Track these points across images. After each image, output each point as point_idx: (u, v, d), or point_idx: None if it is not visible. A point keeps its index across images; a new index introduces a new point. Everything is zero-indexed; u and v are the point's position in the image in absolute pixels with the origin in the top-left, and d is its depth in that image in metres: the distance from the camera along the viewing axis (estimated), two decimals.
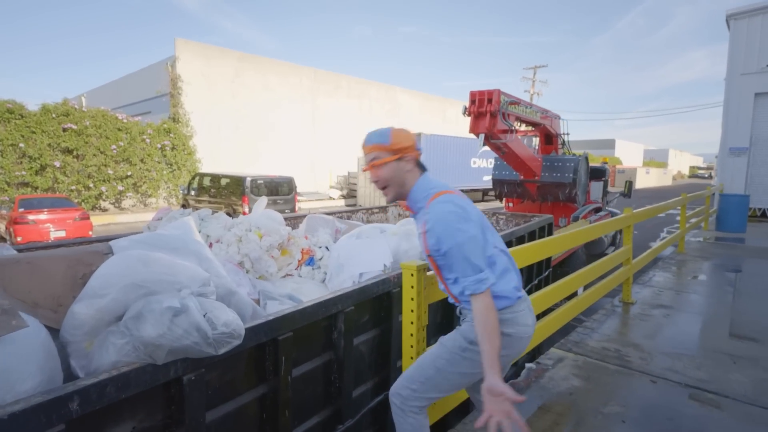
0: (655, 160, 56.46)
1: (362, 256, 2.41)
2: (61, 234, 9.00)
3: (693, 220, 8.55)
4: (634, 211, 4.23)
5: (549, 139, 8.48)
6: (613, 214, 9.22)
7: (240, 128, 18.42)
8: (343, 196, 20.40)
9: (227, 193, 11.68)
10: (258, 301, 2.21)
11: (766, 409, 2.45)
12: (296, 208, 12.07)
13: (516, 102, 6.16)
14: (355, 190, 19.84)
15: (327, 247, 2.81)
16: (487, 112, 5.67)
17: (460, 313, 1.68)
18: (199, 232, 2.61)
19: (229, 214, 10.75)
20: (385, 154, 1.55)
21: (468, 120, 6.08)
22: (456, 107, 28.64)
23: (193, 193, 12.81)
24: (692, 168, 71.65)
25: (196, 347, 1.30)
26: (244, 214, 10.83)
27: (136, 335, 1.26)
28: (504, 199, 8.85)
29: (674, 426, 2.30)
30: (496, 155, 7.89)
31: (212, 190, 12.24)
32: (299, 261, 2.69)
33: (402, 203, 1.68)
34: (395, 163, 1.55)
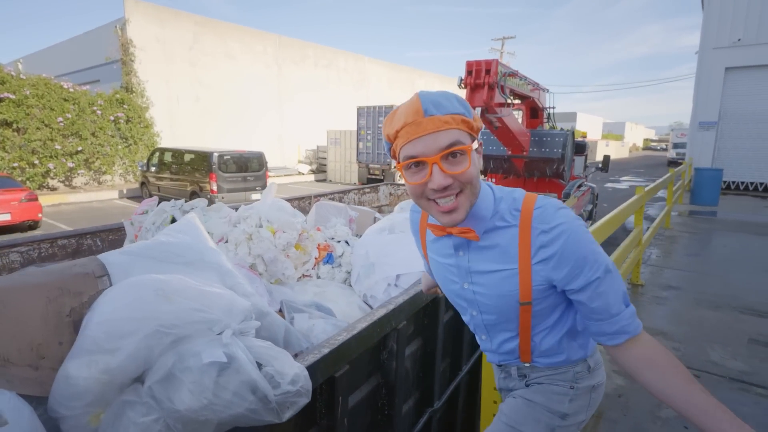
0: (613, 132, 58.22)
1: (398, 255, 2.05)
2: (6, 218, 8.07)
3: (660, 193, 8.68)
4: (646, 188, 4.06)
5: (535, 112, 8.26)
6: (591, 188, 9.26)
7: (201, 99, 17.21)
8: (313, 171, 19.72)
9: (191, 169, 10.88)
10: (282, 314, 1.83)
11: None
12: (267, 185, 11.44)
13: (513, 74, 5.85)
14: (325, 165, 19.22)
15: (347, 242, 2.43)
16: (485, 83, 5.33)
17: (522, 375, 1.19)
18: None
19: (195, 193, 10.00)
20: (468, 138, 0.89)
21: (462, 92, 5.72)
22: (425, 78, 28.09)
23: (153, 169, 11.90)
24: (646, 140, 74.58)
25: (252, 415, 0.92)
26: (212, 192, 10.16)
27: (169, 408, 0.87)
28: (487, 175, 8.64)
29: None
30: (482, 130, 7.61)
31: (174, 167, 11.38)
32: (316, 259, 2.31)
33: (447, 230, 0.99)
34: (476, 153, 0.92)
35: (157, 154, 11.92)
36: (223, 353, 0.94)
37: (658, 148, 61.81)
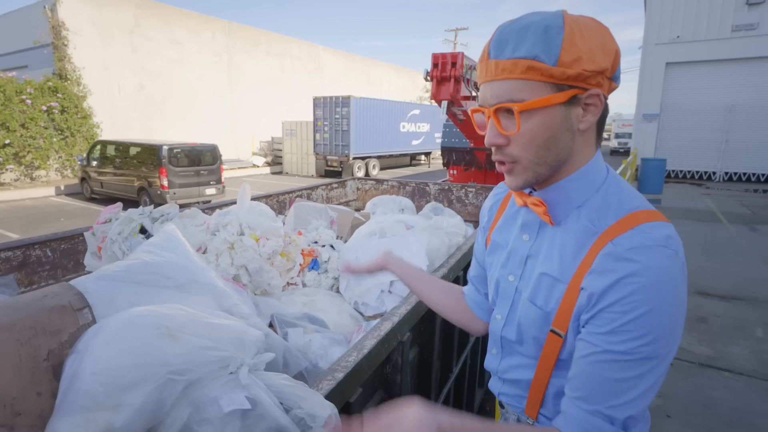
0: None
1: None
2: None
3: None
4: None
5: None
6: None
7: (145, 88, 16.16)
8: (268, 164, 19.15)
9: (137, 163, 10.20)
10: (273, 329, 1.70)
11: None
12: (222, 179, 10.96)
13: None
14: (281, 157, 18.72)
15: (332, 246, 2.31)
16: (452, 77, 5.31)
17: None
18: None
19: (143, 189, 9.37)
20: (542, 89, 0.68)
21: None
22: (380, 68, 27.93)
23: (94, 164, 11.09)
24: None
25: None
26: (162, 187, 9.60)
27: None
28: (448, 167, 8.70)
29: (715, 415, 2.25)
30: (445, 123, 7.63)
31: (118, 161, 10.63)
32: (301, 265, 2.18)
33: (525, 197, 0.80)
34: (561, 109, 0.69)
35: (99, 147, 11.12)
36: (245, 398, 0.82)
37: None
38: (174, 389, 0.79)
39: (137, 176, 10.15)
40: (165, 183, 9.69)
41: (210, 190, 10.49)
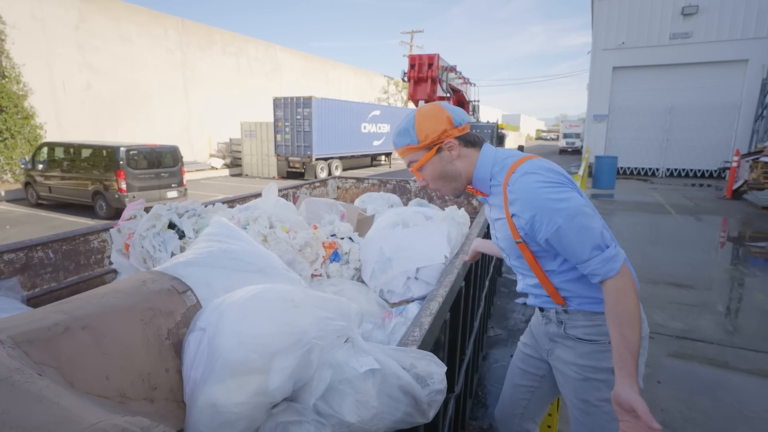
0: (510, 123, 62.98)
1: (417, 248, 2.07)
2: None
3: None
4: (580, 175, 4.52)
5: (461, 105, 8.70)
6: None
7: (93, 86, 15.28)
8: (227, 166, 18.63)
9: (90, 166, 9.64)
10: None
11: (746, 350, 2.85)
12: (184, 182, 10.60)
13: (452, 69, 6.09)
14: (240, 159, 18.27)
15: (351, 238, 2.38)
16: (428, 77, 5.50)
17: (560, 322, 1.30)
18: (196, 232, 1.97)
19: (98, 193, 8.90)
20: (420, 154, 1.23)
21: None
22: (338, 69, 27.88)
23: (40, 167, 10.36)
24: (538, 131, 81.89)
25: (407, 418, 0.91)
26: (121, 191, 9.16)
27: (339, 422, 0.82)
28: None
29: (696, 380, 2.52)
30: None
31: (68, 164, 10.00)
32: (323, 257, 2.24)
33: (472, 191, 1.33)
34: (436, 157, 1.23)
35: (46, 149, 10.39)
36: (373, 360, 0.90)
37: (549, 138, 68.19)
38: (317, 353, 0.87)
39: (91, 180, 9.61)
40: (123, 186, 9.25)
41: (172, 194, 10.12)
